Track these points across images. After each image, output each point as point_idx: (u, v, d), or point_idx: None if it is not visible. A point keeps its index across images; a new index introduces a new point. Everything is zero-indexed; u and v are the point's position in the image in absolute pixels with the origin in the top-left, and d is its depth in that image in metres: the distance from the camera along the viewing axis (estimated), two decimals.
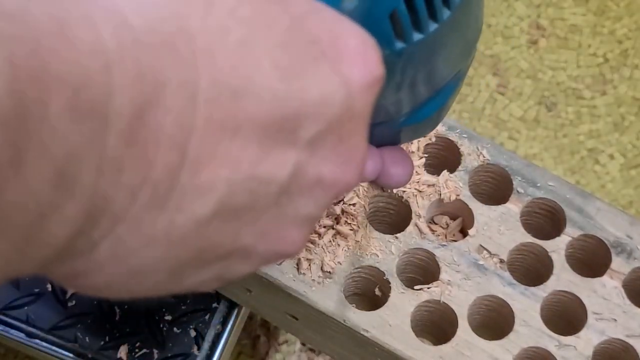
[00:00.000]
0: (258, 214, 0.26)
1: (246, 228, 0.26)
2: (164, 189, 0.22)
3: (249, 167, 0.24)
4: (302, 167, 0.26)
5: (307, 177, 0.26)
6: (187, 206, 0.23)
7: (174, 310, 0.63)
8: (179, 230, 0.24)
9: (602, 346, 0.52)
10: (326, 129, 0.26)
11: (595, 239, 0.55)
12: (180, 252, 0.25)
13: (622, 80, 1.06)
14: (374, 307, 0.52)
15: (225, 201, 0.24)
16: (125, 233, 0.23)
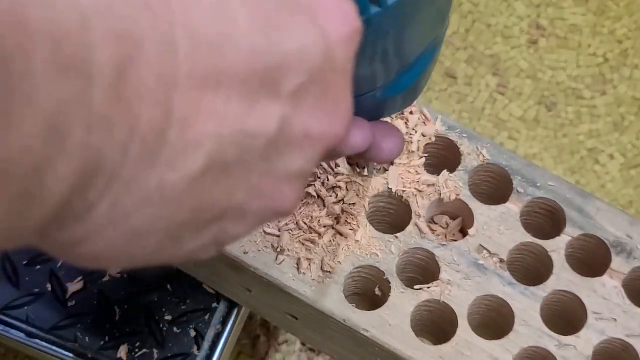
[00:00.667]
0: (249, 170, 0.26)
1: (239, 185, 0.26)
2: (154, 145, 0.23)
3: (235, 121, 0.24)
4: (288, 120, 0.26)
5: (294, 131, 0.26)
6: (178, 163, 0.23)
7: (174, 310, 0.63)
8: (172, 189, 0.24)
9: (602, 346, 0.52)
10: (308, 81, 0.26)
11: (595, 239, 0.55)
12: (176, 212, 0.25)
13: (622, 80, 1.06)
14: (374, 307, 0.52)
15: (215, 157, 0.24)
16: (120, 193, 0.23)
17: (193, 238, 0.27)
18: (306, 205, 0.54)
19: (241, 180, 0.26)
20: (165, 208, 0.24)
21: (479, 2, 1.11)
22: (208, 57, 0.23)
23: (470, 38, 1.08)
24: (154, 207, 0.24)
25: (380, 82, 0.40)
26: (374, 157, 0.41)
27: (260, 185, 0.27)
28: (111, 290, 0.64)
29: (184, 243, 0.27)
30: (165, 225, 0.25)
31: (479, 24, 1.10)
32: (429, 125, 0.58)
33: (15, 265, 0.64)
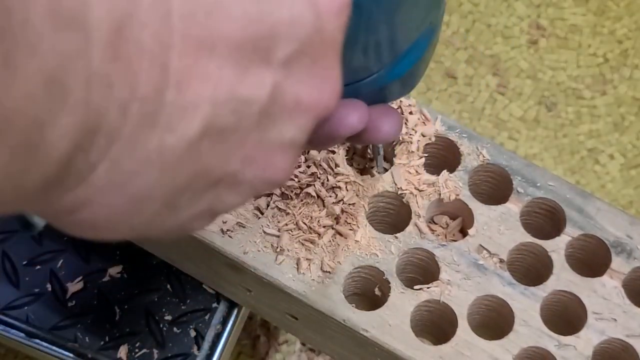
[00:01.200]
0: (243, 137, 0.27)
1: (233, 152, 0.27)
2: (152, 106, 0.23)
3: (229, 86, 0.25)
4: (280, 87, 0.27)
5: (285, 98, 0.27)
6: (176, 125, 0.24)
7: (174, 310, 0.63)
8: (171, 151, 0.24)
9: (602, 346, 0.52)
10: (299, 49, 0.27)
11: (595, 239, 0.55)
12: (174, 176, 0.25)
13: (622, 80, 1.06)
14: (374, 307, 0.52)
15: (211, 121, 0.25)
16: (120, 154, 0.23)
17: (189, 206, 0.27)
18: (306, 205, 0.54)
19: (236, 148, 0.27)
20: (164, 171, 0.25)
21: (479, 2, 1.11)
22: (202, 21, 0.24)
23: (470, 38, 1.08)
24: (153, 170, 0.25)
25: (377, 67, 0.39)
26: (372, 138, 0.41)
27: (254, 154, 0.28)
28: (111, 290, 0.64)
29: (180, 211, 0.27)
30: (163, 191, 0.26)
31: (479, 24, 1.10)
32: (429, 125, 0.58)
33: (15, 265, 0.64)
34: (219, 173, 0.27)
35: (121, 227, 0.26)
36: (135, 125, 0.23)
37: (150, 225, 0.27)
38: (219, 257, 0.54)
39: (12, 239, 0.65)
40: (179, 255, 0.60)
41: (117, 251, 0.65)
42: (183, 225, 0.29)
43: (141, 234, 0.28)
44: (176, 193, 0.26)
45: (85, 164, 0.23)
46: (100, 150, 0.23)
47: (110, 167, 0.24)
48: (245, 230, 0.54)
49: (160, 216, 0.27)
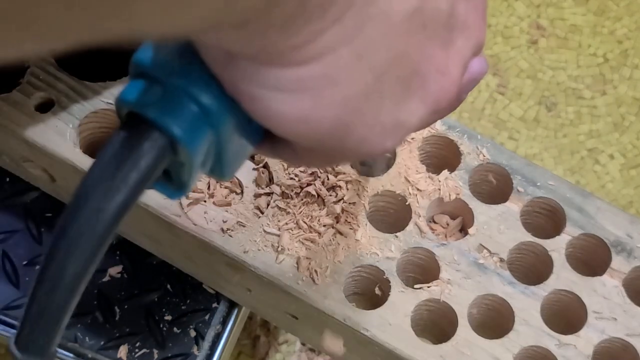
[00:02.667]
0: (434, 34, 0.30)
1: (428, 44, 0.30)
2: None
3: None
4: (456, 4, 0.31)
5: (460, 16, 0.31)
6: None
7: (174, 310, 0.63)
8: (393, 17, 0.27)
9: (602, 345, 0.52)
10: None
11: (595, 238, 0.55)
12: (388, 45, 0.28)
13: (622, 80, 1.06)
14: (374, 306, 0.52)
15: (419, 6, 0.28)
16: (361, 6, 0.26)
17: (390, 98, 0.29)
18: (306, 205, 0.54)
19: (430, 41, 0.30)
20: (384, 35, 0.27)
21: None
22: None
23: None
24: (378, 29, 0.27)
25: None
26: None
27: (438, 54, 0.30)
28: (111, 290, 0.64)
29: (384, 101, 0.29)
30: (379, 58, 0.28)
31: None
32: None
33: (15, 265, 0.64)
34: (415, 63, 0.29)
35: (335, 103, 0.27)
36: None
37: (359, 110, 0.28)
38: (219, 257, 0.54)
39: (12, 239, 0.65)
40: (179, 255, 0.60)
41: (117, 251, 0.65)
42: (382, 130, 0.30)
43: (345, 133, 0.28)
44: (386, 68, 0.28)
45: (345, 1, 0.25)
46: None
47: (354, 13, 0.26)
48: (245, 229, 0.54)
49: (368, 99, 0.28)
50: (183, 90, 0.27)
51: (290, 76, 0.26)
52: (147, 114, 0.27)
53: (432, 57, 0.30)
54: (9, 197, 0.65)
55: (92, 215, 0.27)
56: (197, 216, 0.54)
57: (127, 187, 0.27)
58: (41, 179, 0.60)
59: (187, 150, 0.27)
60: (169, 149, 0.27)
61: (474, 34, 0.32)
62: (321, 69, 0.26)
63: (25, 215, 0.65)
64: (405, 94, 0.30)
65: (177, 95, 0.27)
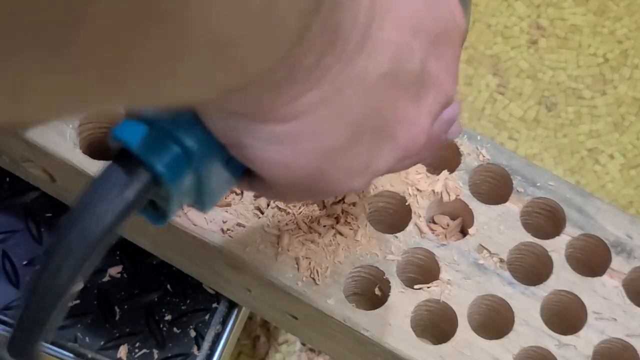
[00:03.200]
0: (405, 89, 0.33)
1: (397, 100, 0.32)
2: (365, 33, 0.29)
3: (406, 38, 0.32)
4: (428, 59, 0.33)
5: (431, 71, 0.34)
6: (374, 56, 0.30)
7: (174, 310, 0.63)
8: (368, 78, 0.30)
9: (602, 345, 0.52)
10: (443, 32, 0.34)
11: (595, 239, 0.55)
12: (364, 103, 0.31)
13: (622, 80, 1.06)
14: (374, 307, 0.52)
15: (394, 60, 0.31)
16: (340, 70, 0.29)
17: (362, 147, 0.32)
18: (306, 205, 0.54)
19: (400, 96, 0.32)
20: (360, 94, 0.30)
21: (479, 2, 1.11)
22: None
23: (470, 38, 1.08)
24: (355, 90, 0.30)
25: None
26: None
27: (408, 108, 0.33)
28: (111, 290, 0.64)
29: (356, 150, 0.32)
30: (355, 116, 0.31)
31: (479, 24, 1.10)
32: None
33: (15, 265, 0.64)
34: (387, 117, 0.32)
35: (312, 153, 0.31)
36: (352, 48, 0.29)
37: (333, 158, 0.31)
38: (219, 257, 0.54)
39: (12, 239, 0.65)
40: (179, 255, 0.60)
41: (117, 251, 0.65)
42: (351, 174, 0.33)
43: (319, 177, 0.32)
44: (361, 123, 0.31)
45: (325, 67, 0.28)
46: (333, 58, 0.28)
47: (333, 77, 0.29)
48: (245, 230, 0.54)
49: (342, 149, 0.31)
50: (169, 133, 0.31)
51: (276, 130, 0.30)
52: (136, 152, 0.31)
53: (403, 111, 0.33)
54: (9, 197, 0.65)
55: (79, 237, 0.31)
56: (197, 216, 0.54)
57: (112, 215, 0.31)
58: (41, 179, 0.60)
59: (168, 186, 0.31)
60: (152, 184, 0.31)
61: (444, 89, 0.35)
62: (303, 125, 0.30)
63: (25, 215, 0.65)
64: (376, 143, 0.33)
65: (163, 136, 0.31)
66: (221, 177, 0.34)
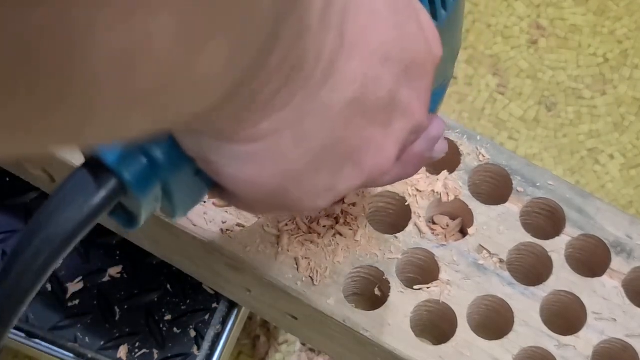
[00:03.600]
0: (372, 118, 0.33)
1: (364, 128, 0.33)
2: (329, 66, 0.30)
3: (375, 70, 0.32)
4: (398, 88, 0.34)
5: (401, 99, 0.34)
6: (339, 87, 0.31)
7: (174, 310, 0.63)
8: (332, 108, 0.31)
9: (601, 346, 0.52)
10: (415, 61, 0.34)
11: (595, 239, 0.55)
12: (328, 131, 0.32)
13: (622, 80, 1.06)
14: (374, 307, 0.52)
15: (359, 92, 0.32)
16: (303, 99, 0.30)
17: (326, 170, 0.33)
18: None
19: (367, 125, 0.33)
20: (324, 123, 0.31)
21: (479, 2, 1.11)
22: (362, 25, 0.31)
23: (470, 38, 1.08)
24: (318, 119, 0.31)
25: None
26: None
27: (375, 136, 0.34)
28: (111, 290, 0.64)
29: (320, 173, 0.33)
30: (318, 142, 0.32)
31: (479, 24, 1.10)
32: None
33: None
34: (352, 144, 0.33)
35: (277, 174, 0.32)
36: (317, 79, 0.30)
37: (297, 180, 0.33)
38: (218, 257, 0.54)
39: (12, 239, 0.65)
40: (179, 255, 0.60)
41: (117, 251, 0.65)
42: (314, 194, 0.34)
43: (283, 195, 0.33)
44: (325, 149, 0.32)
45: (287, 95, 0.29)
46: (297, 87, 0.29)
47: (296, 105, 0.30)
48: (245, 230, 0.54)
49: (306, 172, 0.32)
50: (138, 143, 0.32)
51: (240, 150, 0.31)
52: (105, 160, 0.32)
53: (369, 138, 0.34)
54: (9, 197, 0.65)
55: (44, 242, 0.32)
56: (196, 217, 0.54)
57: (77, 220, 0.32)
58: (41, 179, 0.60)
59: (135, 195, 0.32)
60: (120, 191, 0.32)
61: (414, 117, 0.35)
62: (266, 147, 0.31)
63: (25, 215, 0.65)
64: (340, 167, 0.34)
65: (132, 146, 0.32)
66: (191, 187, 0.35)
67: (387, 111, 0.34)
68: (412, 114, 0.35)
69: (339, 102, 0.31)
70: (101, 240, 0.65)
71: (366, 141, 0.34)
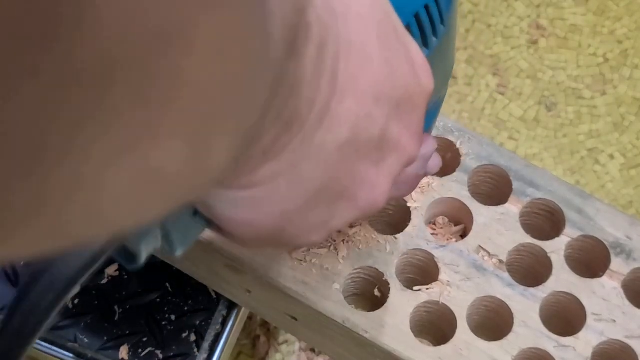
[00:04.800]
0: (365, 156, 0.33)
1: (358, 167, 0.33)
2: (324, 109, 0.30)
3: (367, 109, 0.32)
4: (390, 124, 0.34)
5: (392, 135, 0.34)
6: (333, 129, 0.31)
7: (174, 310, 0.64)
8: (326, 150, 0.31)
9: (601, 347, 0.52)
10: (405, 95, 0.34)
11: (594, 240, 0.55)
12: (322, 172, 0.32)
13: (622, 80, 1.06)
14: (374, 308, 0.53)
15: (353, 132, 0.32)
16: (298, 145, 0.30)
17: (321, 208, 0.34)
18: None
19: (360, 163, 0.34)
20: (318, 165, 0.32)
21: (479, 2, 1.11)
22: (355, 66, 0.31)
23: (470, 38, 1.08)
24: (313, 162, 0.31)
25: None
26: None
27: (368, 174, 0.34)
28: (111, 290, 0.64)
29: (314, 212, 0.34)
30: (313, 184, 0.32)
31: (479, 24, 1.10)
32: None
33: (15, 265, 0.64)
34: (345, 182, 0.34)
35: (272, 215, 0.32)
36: (312, 123, 0.30)
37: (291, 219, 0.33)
38: (218, 258, 0.54)
39: None
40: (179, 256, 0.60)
41: None
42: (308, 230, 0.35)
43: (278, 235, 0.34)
44: (319, 190, 0.33)
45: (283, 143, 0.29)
46: (292, 135, 0.29)
47: (291, 152, 0.30)
48: None
49: (300, 212, 0.33)
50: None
51: (237, 196, 0.31)
52: None
53: (363, 175, 0.34)
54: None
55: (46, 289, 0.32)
56: None
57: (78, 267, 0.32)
58: None
59: (134, 238, 0.33)
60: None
61: (406, 150, 0.36)
62: (262, 192, 0.31)
63: None
64: (335, 205, 0.34)
65: None
66: (189, 226, 0.35)
67: (380, 148, 0.34)
68: (403, 148, 0.36)
69: (332, 143, 0.32)
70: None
71: (360, 178, 0.34)
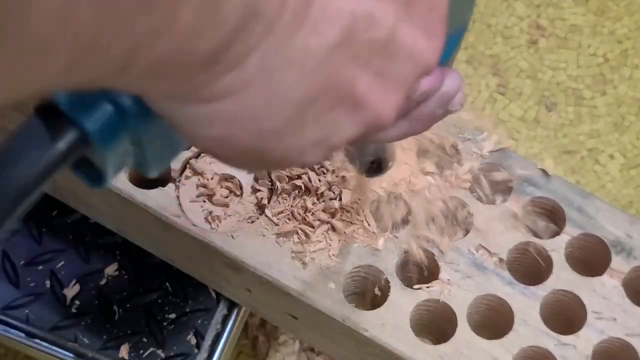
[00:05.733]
0: (368, 60, 0.29)
1: (359, 72, 0.29)
2: (303, 7, 0.26)
3: (367, 5, 0.28)
4: (399, 24, 0.30)
5: (402, 38, 0.30)
6: (320, 29, 0.27)
7: (174, 310, 0.63)
8: (312, 54, 0.27)
9: (601, 345, 0.52)
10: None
11: (594, 238, 0.55)
12: (309, 82, 0.28)
13: (622, 80, 1.06)
14: (374, 307, 0.52)
15: (348, 32, 0.28)
16: (271, 48, 0.26)
17: (313, 124, 0.30)
18: (303, 202, 0.54)
19: (361, 68, 0.29)
20: (302, 74, 0.28)
21: (479, 2, 1.11)
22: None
23: (470, 38, 1.08)
24: (295, 70, 0.27)
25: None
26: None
27: (373, 81, 0.30)
28: (111, 290, 0.64)
29: (305, 129, 0.30)
30: (297, 95, 0.28)
31: (479, 24, 1.10)
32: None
33: (15, 265, 0.64)
34: (344, 90, 0.29)
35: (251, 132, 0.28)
36: (287, 22, 0.26)
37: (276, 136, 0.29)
38: (218, 257, 0.54)
39: (12, 239, 0.65)
40: (179, 255, 0.60)
41: (116, 251, 0.65)
42: (301, 150, 0.30)
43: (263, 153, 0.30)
44: (308, 102, 0.29)
45: (243, 47, 0.26)
46: (257, 36, 0.26)
47: (261, 57, 0.26)
48: (245, 230, 0.54)
49: (287, 128, 0.29)
50: (102, 89, 0.27)
51: (201, 110, 0.28)
52: (63, 107, 0.27)
53: (364, 86, 0.30)
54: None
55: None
56: (197, 217, 0.54)
57: (31, 177, 0.27)
58: None
59: (99, 147, 0.28)
60: (80, 144, 0.28)
61: (421, 58, 0.31)
62: (231, 105, 0.27)
63: (26, 216, 0.65)
64: (332, 119, 0.30)
65: (96, 93, 0.28)
66: (166, 139, 0.30)
67: (385, 54, 0.30)
68: (418, 55, 0.31)
69: (320, 47, 0.27)
70: (102, 241, 0.65)
71: (361, 89, 0.30)
